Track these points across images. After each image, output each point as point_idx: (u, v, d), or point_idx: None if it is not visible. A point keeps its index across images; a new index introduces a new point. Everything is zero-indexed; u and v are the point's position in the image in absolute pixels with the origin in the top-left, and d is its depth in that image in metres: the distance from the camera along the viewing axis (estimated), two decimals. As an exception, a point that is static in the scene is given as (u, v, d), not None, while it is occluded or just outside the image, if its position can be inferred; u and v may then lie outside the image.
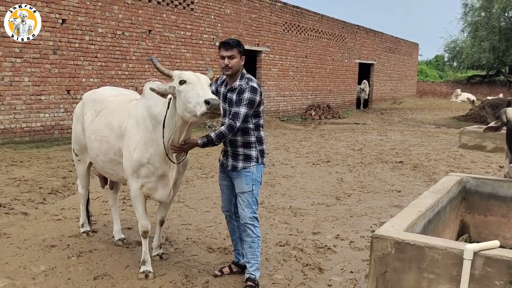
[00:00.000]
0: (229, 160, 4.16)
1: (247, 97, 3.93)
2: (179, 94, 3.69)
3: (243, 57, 4.09)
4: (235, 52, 3.99)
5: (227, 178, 4.29)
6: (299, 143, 13.22)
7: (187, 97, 3.61)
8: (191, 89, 3.63)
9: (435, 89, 44.72)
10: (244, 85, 4.00)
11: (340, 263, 4.81)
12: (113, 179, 4.85)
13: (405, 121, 22.01)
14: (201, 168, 9.26)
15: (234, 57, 3.99)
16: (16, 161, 9.02)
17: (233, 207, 4.35)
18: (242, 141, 4.07)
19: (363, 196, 7.61)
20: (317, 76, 23.64)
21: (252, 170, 4.09)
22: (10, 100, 10.66)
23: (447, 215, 4.54)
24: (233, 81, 4.09)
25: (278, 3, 20.16)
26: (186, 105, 3.62)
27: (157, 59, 13.70)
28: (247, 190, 4.08)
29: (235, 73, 4.05)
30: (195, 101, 3.56)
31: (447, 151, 12.10)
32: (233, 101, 4.03)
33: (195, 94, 3.59)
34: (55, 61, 11.49)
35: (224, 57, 3.99)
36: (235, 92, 4.04)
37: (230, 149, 4.13)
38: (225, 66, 4.00)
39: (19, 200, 6.52)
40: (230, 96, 4.08)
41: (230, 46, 4.00)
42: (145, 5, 13.76)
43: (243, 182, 4.09)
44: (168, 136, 3.91)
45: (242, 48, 4.05)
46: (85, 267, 4.46)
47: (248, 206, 4.10)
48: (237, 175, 4.12)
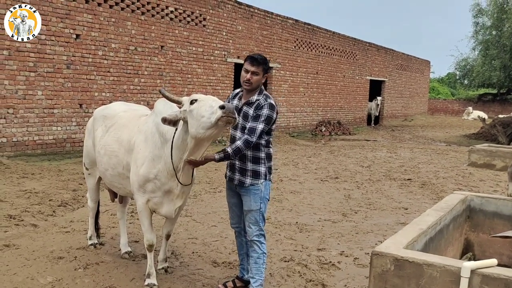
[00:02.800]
0: (236, 175, 4.16)
1: (265, 113, 3.96)
2: (190, 114, 3.71)
3: (266, 75, 4.13)
4: (259, 69, 4.03)
5: (235, 196, 4.31)
6: (308, 159, 13.26)
7: (200, 112, 3.63)
8: (203, 104, 3.66)
9: (447, 107, 44.58)
10: (262, 101, 4.02)
11: (343, 280, 4.84)
12: (121, 193, 4.93)
13: (416, 139, 21.98)
14: (209, 183, 9.33)
15: (258, 74, 4.03)
16: (27, 173, 9.16)
17: (243, 223, 4.36)
18: (252, 156, 4.08)
19: (370, 213, 7.63)
20: (328, 93, 23.73)
21: (260, 188, 4.11)
22: (23, 113, 10.84)
23: (450, 233, 4.56)
24: (250, 96, 4.11)
25: (289, 20, 20.35)
26: (199, 121, 3.63)
27: (169, 74, 13.92)
28: (255, 208, 4.11)
29: (254, 89, 4.09)
30: (210, 111, 3.57)
31: (456, 169, 12.08)
32: (249, 115, 4.03)
33: (207, 107, 3.61)
34: (68, 75, 11.68)
35: (248, 71, 4.02)
36: (252, 107, 4.04)
37: (238, 163, 4.13)
38: (246, 80, 4.03)
39: (29, 212, 6.63)
40: (246, 110, 4.08)
41: (256, 62, 4.02)
42: (158, 21, 13.98)
43: (251, 200, 4.11)
44: (178, 156, 3.95)
45: (267, 66, 4.10)
46: (91, 279, 4.53)
47: (255, 224, 4.13)
48: (246, 192, 4.13)
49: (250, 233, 4.17)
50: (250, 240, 4.18)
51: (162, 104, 4.18)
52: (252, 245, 4.18)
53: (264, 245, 4.20)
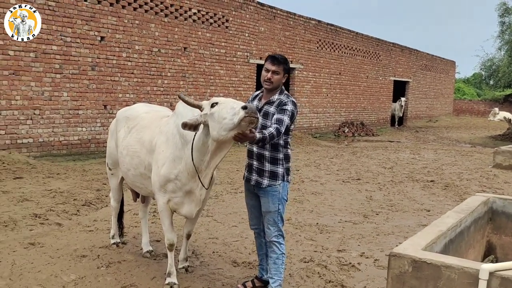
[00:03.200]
0: (254, 175, 4.17)
1: (290, 108, 3.99)
2: (212, 117, 3.69)
3: (287, 75, 4.15)
4: (280, 68, 4.06)
5: (254, 197, 4.32)
6: (330, 160, 13.23)
7: (221, 115, 3.60)
8: (224, 106, 3.64)
9: (472, 108, 43.93)
10: (284, 99, 4.06)
11: (363, 281, 4.83)
12: (142, 193, 5.00)
13: (440, 140, 21.72)
14: (231, 183, 9.39)
15: (278, 74, 4.06)
16: (53, 173, 9.35)
17: (262, 224, 4.36)
18: (270, 157, 4.09)
19: (391, 214, 7.58)
20: (351, 93, 23.62)
21: (278, 189, 4.11)
22: (49, 114, 11.06)
23: (471, 235, 4.52)
24: (271, 95, 4.13)
25: (312, 21, 20.33)
26: (221, 123, 3.59)
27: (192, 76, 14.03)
28: (273, 210, 4.12)
29: (274, 88, 4.11)
30: (231, 113, 3.54)
31: (481, 170, 11.91)
32: (270, 113, 4.05)
33: (229, 109, 3.59)
34: (93, 77, 11.88)
35: (269, 71, 4.05)
36: (273, 105, 4.07)
37: (256, 163, 4.14)
38: (267, 79, 4.06)
39: (54, 211, 6.77)
40: (267, 109, 4.09)
41: (277, 61, 4.06)
42: (181, 23, 14.11)
43: (269, 201, 4.12)
44: (199, 158, 3.97)
45: (288, 66, 4.13)
46: (113, 277, 4.61)
47: (273, 225, 4.15)
48: (264, 193, 4.14)
49: (269, 234, 4.19)
50: (269, 241, 4.20)
51: (183, 105, 4.21)
52: (271, 245, 4.20)
53: (283, 245, 4.21)
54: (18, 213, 6.51)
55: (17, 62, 10.40)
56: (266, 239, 4.27)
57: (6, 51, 10.19)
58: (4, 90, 10.23)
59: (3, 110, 10.25)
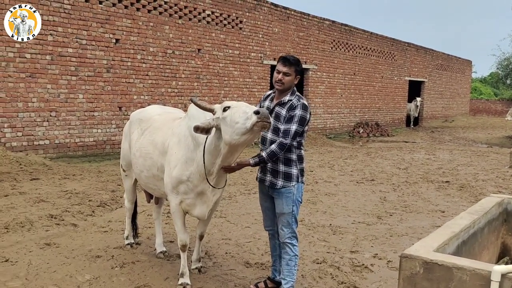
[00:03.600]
0: (268, 176, 4.18)
1: (298, 114, 3.97)
2: (224, 121, 3.72)
3: (299, 76, 4.15)
4: (292, 70, 4.05)
5: (268, 199, 4.33)
6: (344, 161, 13.20)
7: (233, 119, 3.63)
8: (236, 110, 3.66)
9: (489, 107, 43.46)
10: (295, 102, 4.04)
11: (376, 282, 4.82)
12: (155, 194, 5.05)
13: (456, 140, 21.54)
14: (244, 184, 9.42)
15: (290, 75, 4.05)
16: (69, 174, 9.46)
17: (276, 226, 4.37)
18: (283, 158, 4.08)
19: (405, 215, 7.55)
20: (366, 94, 23.52)
21: (292, 191, 4.11)
22: (65, 116, 11.19)
23: (485, 236, 4.48)
24: (283, 96, 4.13)
25: (326, 21, 20.29)
26: (234, 127, 3.63)
27: (206, 77, 14.09)
28: (287, 211, 4.12)
29: (286, 89, 4.10)
30: (244, 117, 3.58)
31: (497, 171, 11.80)
32: (281, 115, 4.05)
33: (241, 113, 3.62)
34: (108, 79, 12.00)
35: (280, 72, 4.05)
36: (285, 107, 4.06)
37: (270, 164, 4.14)
38: (278, 80, 4.07)
39: (69, 212, 6.85)
40: (279, 111, 4.09)
41: (288, 63, 4.05)
42: (195, 24, 14.18)
43: (283, 203, 4.12)
44: (211, 161, 3.99)
45: (299, 67, 4.11)
46: (127, 277, 4.66)
47: (287, 226, 4.15)
48: (278, 195, 4.15)
49: (282, 235, 4.20)
50: (283, 242, 4.21)
51: (195, 107, 4.25)
52: (284, 247, 4.20)
53: (296, 247, 4.22)
54: (35, 214, 6.60)
55: (33, 65, 10.54)
56: (279, 240, 4.28)
57: (23, 54, 10.33)
58: (21, 92, 10.38)
59: (20, 112, 10.39)
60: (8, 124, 10.22)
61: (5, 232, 5.83)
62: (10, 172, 9.07)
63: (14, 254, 5.12)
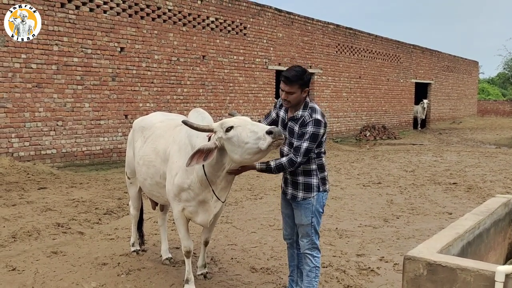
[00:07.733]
0: (289, 189, 4.09)
1: (310, 131, 3.79)
2: (229, 141, 3.65)
3: (307, 89, 3.93)
4: (294, 87, 3.84)
5: (289, 207, 4.23)
6: (351, 165, 13.17)
7: (241, 139, 3.57)
8: (242, 130, 3.59)
9: (497, 108, 43.23)
10: (307, 118, 3.86)
11: (382, 285, 4.81)
12: (160, 201, 5.07)
13: (464, 141, 21.44)
14: (250, 190, 9.42)
15: (293, 93, 3.85)
16: (76, 183, 9.51)
17: (295, 235, 4.28)
18: (302, 170, 3.97)
19: (412, 218, 7.52)
20: (372, 97, 23.49)
21: (312, 202, 3.99)
22: (72, 125, 11.27)
23: (491, 237, 4.46)
24: (295, 110, 3.97)
25: (330, 25, 20.31)
26: (243, 147, 3.57)
27: (211, 83, 14.11)
28: (306, 223, 4.01)
29: (295, 105, 3.95)
30: (254, 137, 3.52)
31: (505, 172, 11.72)
32: (294, 131, 3.93)
33: (249, 132, 3.56)
34: (113, 87, 12.07)
35: (283, 91, 3.90)
36: (297, 123, 3.92)
37: (289, 177, 4.06)
38: (284, 100, 3.93)
39: (76, 220, 6.89)
40: (292, 126, 3.97)
41: (289, 81, 3.84)
42: (199, 31, 14.25)
43: (302, 214, 4.02)
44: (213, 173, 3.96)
45: (303, 80, 3.86)
46: (133, 284, 4.67)
47: (306, 237, 4.05)
48: (297, 206, 4.06)
49: (302, 246, 4.11)
50: (303, 253, 4.12)
51: (194, 115, 4.25)
52: (305, 258, 4.10)
53: (317, 258, 4.09)
54: (42, 223, 6.64)
55: (39, 75, 10.63)
56: (300, 250, 4.19)
57: (29, 64, 10.43)
58: (27, 102, 10.47)
59: (27, 122, 10.48)
60: (16, 134, 10.31)
61: (12, 241, 5.88)
62: (18, 181, 9.14)
63: (21, 263, 5.16)
